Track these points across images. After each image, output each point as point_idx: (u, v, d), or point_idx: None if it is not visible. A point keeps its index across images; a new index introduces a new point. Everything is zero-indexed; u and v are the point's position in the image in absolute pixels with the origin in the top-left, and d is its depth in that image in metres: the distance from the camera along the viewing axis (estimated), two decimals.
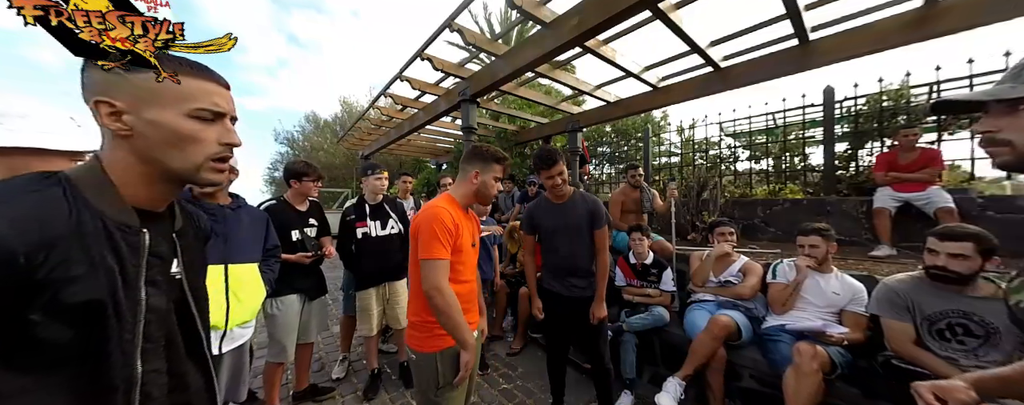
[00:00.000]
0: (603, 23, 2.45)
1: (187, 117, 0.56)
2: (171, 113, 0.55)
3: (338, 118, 19.75)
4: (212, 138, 0.59)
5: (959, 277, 1.50)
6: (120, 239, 0.53)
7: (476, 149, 1.42)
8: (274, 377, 2.14)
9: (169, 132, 0.55)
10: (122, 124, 0.53)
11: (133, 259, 0.54)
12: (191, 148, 0.57)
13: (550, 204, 2.02)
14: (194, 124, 0.57)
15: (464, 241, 1.34)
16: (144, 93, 0.53)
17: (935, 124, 3.67)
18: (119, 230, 0.53)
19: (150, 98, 0.54)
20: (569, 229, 1.96)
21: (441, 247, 1.22)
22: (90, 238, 0.49)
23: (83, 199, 0.51)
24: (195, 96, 0.56)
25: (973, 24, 2.30)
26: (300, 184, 2.24)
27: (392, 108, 6.28)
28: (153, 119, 0.54)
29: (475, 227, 1.49)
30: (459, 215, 1.35)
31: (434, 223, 1.23)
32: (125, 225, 0.54)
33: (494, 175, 1.39)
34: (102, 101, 0.52)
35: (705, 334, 2.06)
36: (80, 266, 0.47)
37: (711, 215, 3.86)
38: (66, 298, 0.46)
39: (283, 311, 2.09)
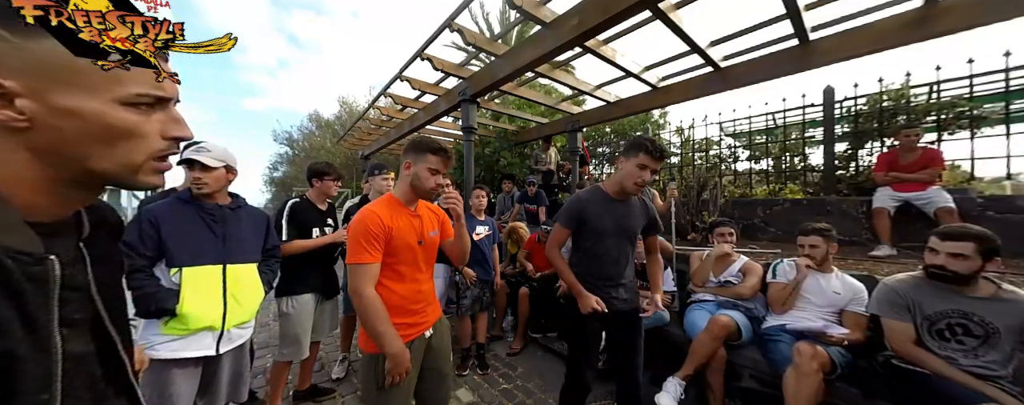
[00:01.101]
0: (603, 23, 2.45)
1: (121, 105, 0.42)
2: (97, 100, 0.40)
3: (339, 118, 19.77)
4: (154, 131, 0.45)
5: (958, 277, 1.50)
6: (18, 274, 0.37)
7: (411, 140, 1.37)
8: (280, 376, 2.15)
9: (95, 126, 0.40)
10: (14, 112, 0.37)
11: (39, 298, 0.39)
12: (126, 145, 0.43)
13: (607, 198, 1.73)
14: (130, 114, 0.42)
15: (402, 240, 1.28)
16: (54, 70, 0.38)
17: (935, 124, 3.67)
18: (12, 260, 0.37)
19: (64, 78, 0.39)
20: (624, 232, 1.73)
21: (363, 251, 1.21)
22: None
23: None
24: (131, 76, 0.42)
25: (973, 24, 2.30)
26: (321, 183, 2.29)
27: (392, 108, 6.28)
28: (69, 107, 0.39)
29: (428, 222, 1.42)
30: (399, 214, 1.31)
31: (357, 227, 1.23)
32: (23, 252, 0.38)
33: (428, 166, 1.30)
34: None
35: (705, 334, 2.06)
36: None
37: (711, 215, 3.86)
38: None
39: (297, 310, 2.11)
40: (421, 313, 1.38)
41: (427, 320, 1.41)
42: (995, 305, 1.48)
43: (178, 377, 1.35)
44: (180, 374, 1.36)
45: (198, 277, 1.39)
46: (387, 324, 1.21)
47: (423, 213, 1.43)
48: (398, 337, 1.22)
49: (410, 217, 1.35)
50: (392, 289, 1.30)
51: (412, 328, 1.34)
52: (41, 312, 0.39)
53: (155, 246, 1.36)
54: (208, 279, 1.42)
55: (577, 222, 1.73)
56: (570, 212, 1.75)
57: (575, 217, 1.73)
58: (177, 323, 1.33)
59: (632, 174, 1.61)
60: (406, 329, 1.31)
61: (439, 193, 1.39)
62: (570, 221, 1.74)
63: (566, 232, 1.77)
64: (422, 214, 1.42)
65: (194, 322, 1.35)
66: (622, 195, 1.72)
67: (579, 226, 1.73)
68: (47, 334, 0.40)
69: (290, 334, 2.10)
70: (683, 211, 3.99)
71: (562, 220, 1.77)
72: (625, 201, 1.75)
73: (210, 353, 1.41)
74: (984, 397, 1.37)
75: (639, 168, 1.59)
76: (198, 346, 1.38)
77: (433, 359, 1.43)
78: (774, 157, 5.29)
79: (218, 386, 1.49)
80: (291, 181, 19.40)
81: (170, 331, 1.33)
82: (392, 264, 1.29)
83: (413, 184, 1.34)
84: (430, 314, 1.43)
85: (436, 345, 1.44)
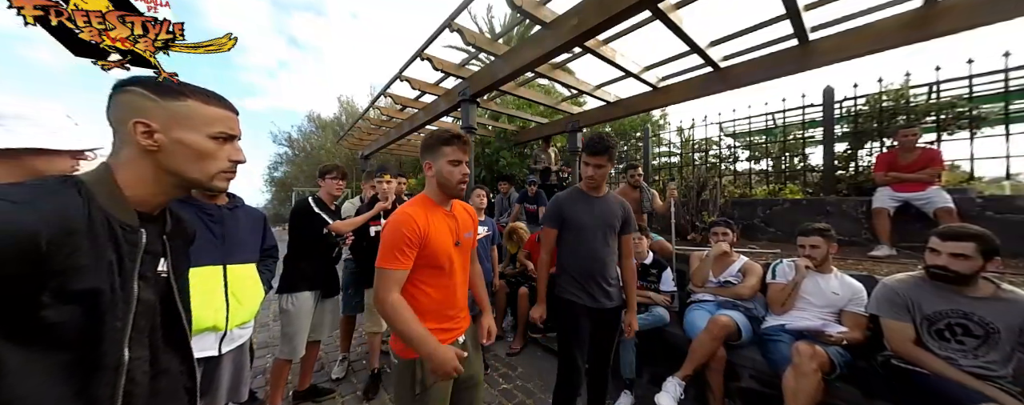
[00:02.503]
0: (603, 23, 2.45)
1: (208, 138, 0.67)
2: (197, 135, 0.66)
3: (338, 118, 19.75)
4: (224, 155, 0.70)
5: (959, 277, 1.50)
6: (122, 236, 0.59)
7: (423, 140, 1.30)
8: (281, 375, 2.15)
9: (194, 150, 0.66)
10: (152, 142, 0.63)
11: (130, 254, 0.60)
12: (207, 163, 0.68)
13: (584, 196, 1.85)
14: (212, 144, 0.68)
15: (438, 243, 1.22)
16: (176, 117, 0.64)
17: (934, 124, 3.67)
18: (121, 228, 0.60)
19: (180, 121, 0.65)
20: (602, 226, 1.81)
21: (393, 256, 1.15)
22: (98, 233, 0.56)
23: (94, 200, 0.58)
24: (217, 121, 0.68)
25: (973, 24, 2.30)
26: (324, 182, 2.38)
27: (392, 108, 6.27)
28: (181, 139, 0.65)
29: (462, 223, 1.36)
30: (434, 215, 1.25)
31: (392, 230, 1.17)
32: (127, 224, 0.61)
33: (448, 159, 1.23)
34: (140, 121, 0.62)
35: (705, 334, 2.06)
36: (87, 257, 0.53)
37: (711, 215, 3.86)
38: (72, 284, 0.51)
39: (297, 307, 2.12)
40: (456, 318, 1.32)
41: (461, 326, 1.35)
42: (995, 305, 1.48)
43: None
44: None
45: (199, 278, 1.38)
46: (418, 325, 1.14)
47: (458, 213, 1.36)
48: (432, 336, 1.14)
49: (445, 217, 1.29)
50: (428, 293, 1.24)
51: (448, 334, 1.28)
52: (129, 263, 0.60)
53: None
54: (209, 280, 1.41)
55: (559, 220, 1.85)
56: (551, 212, 1.89)
57: (556, 215, 1.85)
58: None
59: (585, 170, 1.81)
60: (442, 334, 1.24)
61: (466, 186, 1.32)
62: (553, 220, 1.86)
63: (553, 232, 1.87)
64: (458, 214, 1.36)
65: (197, 323, 1.34)
66: (596, 191, 1.86)
67: (561, 223, 1.84)
68: (130, 279, 0.60)
69: (287, 331, 2.11)
70: (683, 211, 3.99)
71: (546, 222, 1.91)
72: (602, 197, 1.86)
73: (212, 354, 1.40)
74: (984, 397, 1.37)
75: (584, 165, 1.80)
76: (201, 347, 1.37)
77: (466, 365, 1.32)
78: (774, 157, 5.29)
79: (218, 386, 1.49)
80: (291, 181, 19.38)
81: None
82: (428, 267, 1.22)
83: (440, 183, 1.26)
84: (464, 319, 1.37)
85: (469, 351, 1.37)
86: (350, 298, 2.89)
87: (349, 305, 2.90)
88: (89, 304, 0.53)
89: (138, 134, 0.62)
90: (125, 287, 0.59)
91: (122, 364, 0.58)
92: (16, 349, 0.49)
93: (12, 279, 0.48)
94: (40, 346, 0.50)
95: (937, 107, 3.67)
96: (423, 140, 1.30)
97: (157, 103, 0.62)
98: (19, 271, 0.48)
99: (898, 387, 1.61)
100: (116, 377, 0.57)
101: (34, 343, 0.50)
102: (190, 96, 0.65)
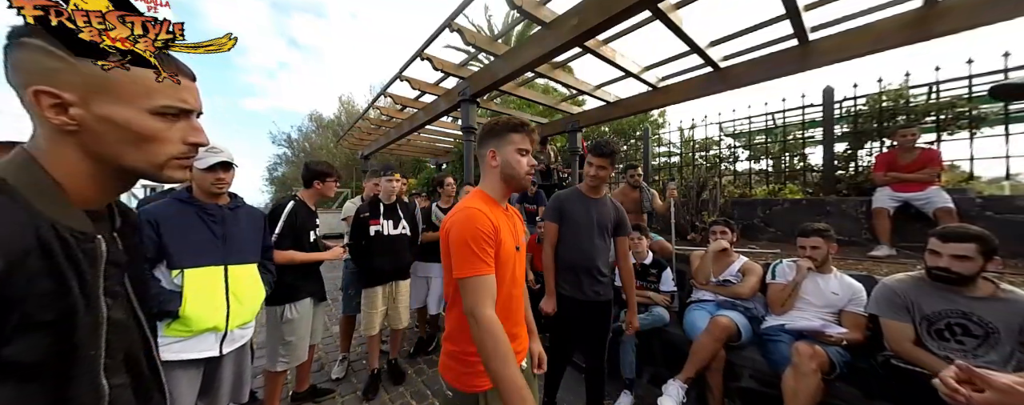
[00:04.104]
0: (603, 23, 2.45)
1: (150, 114, 0.51)
2: (130, 110, 0.49)
3: (338, 118, 19.76)
4: (176, 137, 0.54)
5: (961, 278, 1.50)
6: (76, 248, 0.47)
7: (485, 126, 1.14)
8: (276, 384, 2.13)
9: (128, 130, 0.50)
10: (67, 118, 0.47)
11: (91, 270, 0.49)
12: (152, 148, 0.52)
13: (583, 196, 2.00)
14: (157, 122, 0.51)
15: (506, 245, 1.05)
16: (97, 84, 0.47)
17: (934, 124, 3.67)
18: (73, 238, 0.48)
19: (104, 90, 0.48)
20: (597, 226, 1.94)
21: (477, 259, 0.96)
22: (50, 249, 0.45)
23: (32, 206, 0.45)
24: (159, 90, 0.50)
25: (973, 24, 2.30)
26: (323, 185, 2.23)
27: (392, 108, 6.27)
28: (107, 115, 0.48)
29: (516, 225, 1.20)
30: (496, 213, 1.07)
31: (465, 230, 0.98)
32: (79, 232, 0.49)
33: (516, 148, 1.08)
34: (43, 91, 0.45)
35: (705, 335, 2.06)
36: (45, 281, 0.44)
37: (711, 215, 3.86)
38: (34, 315, 0.43)
39: (301, 315, 2.10)
40: (519, 337, 1.15)
41: (523, 347, 1.18)
42: (994, 305, 1.48)
43: (180, 379, 1.34)
44: (182, 376, 1.35)
45: (200, 278, 1.38)
46: (513, 366, 0.90)
47: (514, 214, 1.22)
48: (522, 385, 0.88)
49: (506, 216, 1.13)
50: (497, 310, 1.04)
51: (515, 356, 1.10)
52: (92, 281, 0.49)
53: (154, 247, 1.34)
54: (210, 280, 1.41)
55: (559, 215, 2.00)
56: (552, 207, 2.04)
57: (557, 211, 2.01)
58: (180, 325, 1.32)
59: (588, 170, 1.98)
60: None
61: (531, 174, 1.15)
62: (554, 215, 2.01)
63: (554, 226, 2.01)
64: (513, 215, 1.22)
65: (198, 323, 1.34)
66: (594, 193, 2.00)
67: (561, 219, 1.99)
68: (96, 299, 0.49)
69: (291, 340, 2.08)
70: (683, 211, 3.99)
71: (548, 217, 2.05)
72: (599, 199, 2.00)
73: (213, 354, 1.40)
74: None
75: (588, 165, 1.97)
76: (202, 347, 1.37)
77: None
78: (774, 157, 5.28)
79: (220, 387, 1.49)
80: (291, 181, 19.40)
81: (173, 333, 1.31)
82: (498, 276, 1.02)
83: (505, 174, 1.10)
84: (524, 339, 1.19)
85: (531, 376, 1.23)
86: (350, 298, 2.89)
87: (349, 305, 2.90)
88: (57, 334, 0.45)
89: (44, 108, 0.46)
90: (92, 309, 0.49)
91: (102, 396, 0.50)
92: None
93: None
94: (10, 383, 0.43)
95: (937, 107, 3.67)
96: (485, 126, 1.14)
97: (69, 64, 0.45)
98: None
99: (898, 387, 1.61)
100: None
101: (2, 383, 0.42)
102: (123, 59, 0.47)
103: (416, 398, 2.46)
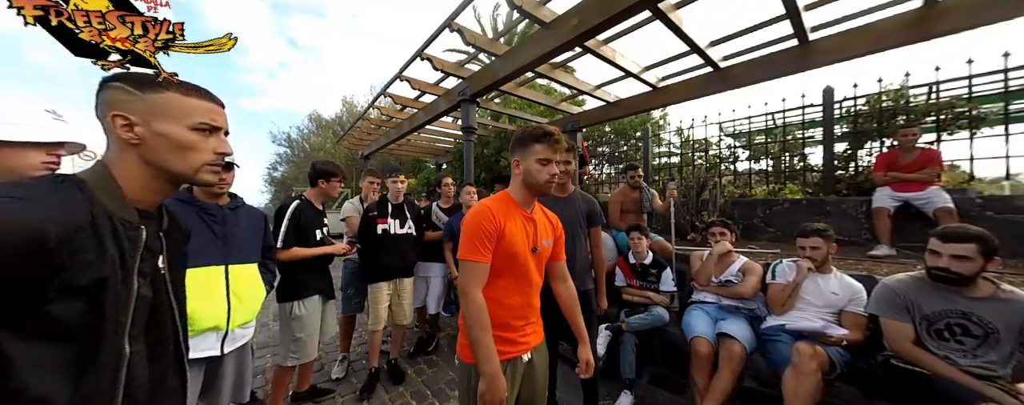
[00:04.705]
0: (603, 23, 2.45)
1: (189, 129, 0.67)
2: (177, 126, 0.66)
3: (339, 118, 19.77)
4: (209, 148, 0.70)
5: (961, 278, 1.50)
6: (123, 233, 0.61)
7: (514, 136, 1.25)
8: (284, 380, 2.14)
9: (174, 142, 0.66)
10: (133, 135, 0.64)
11: (131, 251, 0.62)
12: (191, 155, 0.68)
13: (552, 197, 2.03)
14: (194, 136, 0.68)
15: (514, 246, 1.17)
16: (155, 109, 0.64)
17: (934, 124, 3.67)
18: (122, 225, 0.61)
19: (160, 113, 0.65)
20: (571, 224, 1.96)
21: (474, 249, 1.12)
22: (101, 231, 0.57)
23: (95, 198, 0.59)
24: (197, 112, 0.68)
25: (973, 24, 2.30)
26: (327, 184, 2.29)
27: (392, 108, 6.27)
28: (161, 131, 0.65)
29: (542, 229, 1.30)
30: (513, 214, 1.20)
31: (471, 223, 1.15)
32: (127, 221, 0.62)
33: (537, 158, 1.18)
34: (118, 115, 0.62)
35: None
36: (91, 253, 0.55)
37: (711, 215, 3.86)
38: (78, 280, 0.53)
39: (309, 312, 2.11)
40: (522, 331, 1.24)
41: (528, 341, 1.26)
42: (994, 305, 1.48)
43: None
44: None
45: (201, 278, 1.38)
46: (488, 335, 1.10)
47: (539, 218, 1.31)
48: (496, 357, 1.10)
49: (524, 220, 1.24)
50: (494, 298, 1.17)
51: (510, 346, 1.21)
52: (130, 260, 0.61)
53: None
54: (211, 280, 1.41)
55: None
56: None
57: None
58: None
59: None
60: (503, 345, 1.17)
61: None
62: None
63: None
64: (537, 219, 1.30)
65: (199, 323, 1.35)
66: (562, 191, 2.06)
67: None
68: (130, 274, 0.61)
69: (300, 336, 2.09)
70: (683, 211, 3.99)
71: None
72: (567, 197, 2.05)
73: (215, 353, 1.40)
74: (983, 397, 1.37)
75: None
76: (203, 347, 1.38)
77: (529, 387, 1.27)
78: (774, 157, 5.28)
79: (221, 386, 1.49)
80: (291, 181, 19.40)
81: None
82: (500, 268, 1.18)
83: (526, 181, 1.22)
84: (532, 335, 1.28)
85: (537, 373, 1.29)
86: (350, 298, 2.89)
87: (349, 305, 2.90)
88: (93, 299, 0.55)
89: (118, 128, 0.63)
90: (126, 282, 0.60)
91: (123, 357, 0.60)
92: (23, 343, 0.50)
93: (20, 275, 0.49)
94: (46, 340, 0.52)
95: (937, 107, 3.67)
96: (515, 136, 1.25)
97: (136, 96, 0.63)
98: (27, 266, 0.49)
99: (898, 387, 1.61)
100: (118, 370, 0.59)
101: (40, 337, 0.51)
102: (169, 88, 0.66)
103: (416, 398, 2.46)
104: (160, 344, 0.71)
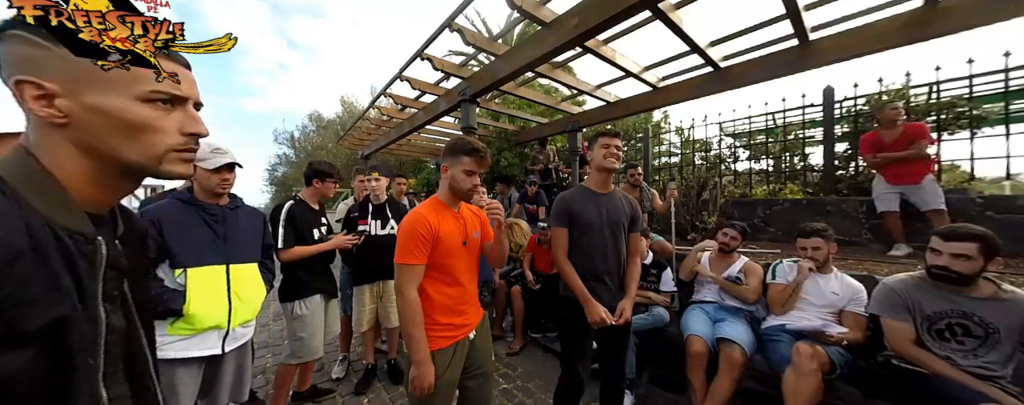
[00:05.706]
0: (603, 23, 2.45)
1: (139, 102, 0.48)
2: (119, 97, 0.46)
3: (339, 118, 19.79)
4: (173, 127, 0.50)
5: (961, 278, 1.50)
6: (74, 250, 0.44)
7: (447, 144, 1.41)
8: (287, 379, 2.14)
9: (117, 120, 0.46)
10: (54, 110, 0.44)
11: (89, 273, 0.46)
12: (146, 138, 0.49)
13: (590, 193, 1.78)
14: (148, 110, 0.48)
15: (449, 242, 1.33)
16: (81, 72, 0.44)
17: (935, 124, 3.67)
18: (71, 239, 0.44)
19: (89, 78, 0.45)
20: (610, 225, 1.73)
21: (410, 253, 1.26)
22: (45, 251, 0.41)
23: (27, 204, 0.42)
24: (147, 75, 0.47)
25: (973, 24, 2.30)
26: (322, 184, 2.27)
27: (392, 108, 6.27)
28: (95, 104, 0.45)
29: (471, 223, 1.46)
30: (444, 215, 1.35)
31: (406, 229, 1.28)
32: (78, 233, 0.45)
33: (463, 168, 1.33)
34: (25, 81, 0.43)
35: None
36: (37, 285, 0.40)
37: (711, 215, 3.86)
38: (25, 324, 0.38)
39: (311, 311, 2.12)
40: (466, 314, 1.41)
41: (471, 321, 1.44)
42: (995, 305, 1.48)
43: (182, 377, 1.35)
44: (184, 373, 1.36)
45: (203, 277, 1.39)
46: (421, 329, 1.24)
47: (466, 214, 1.46)
48: (427, 346, 1.25)
49: (454, 218, 1.39)
50: (441, 290, 1.34)
51: (459, 330, 1.37)
52: (90, 284, 0.45)
53: (157, 247, 1.35)
54: (212, 279, 1.42)
55: (567, 218, 1.76)
56: (558, 211, 1.79)
57: (565, 213, 1.76)
58: (183, 323, 1.33)
59: (597, 160, 1.77)
60: (454, 330, 1.35)
61: (477, 197, 1.47)
62: (561, 219, 1.77)
63: (563, 230, 1.76)
64: (465, 215, 1.45)
65: (201, 322, 1.35)
66: (603, 187, 1.80)
67: (570, 222, 1.75)
68: (94, 304, 0.46)
69: (303, 335, 2.09)
70: (683, 211, 3.99)
71: (554, 222, 1.80)
72: (608, 194, 1.80)
73: (215, 352, 1.41)
74: (984, 397, 1.37)
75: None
76: (204, 346, 1.39)
77: (476, 359, 1.45)
78: (774, 157, 5.29)
79: (221, 385, 1.50)
80: (291, 182, 19.41)
81: (176, 331, 1.33)
82: (441, 265, 1.32)
83: (451, 186, 1.38)
84: (473, 315, 1.45)
85: (480, 345, 1.47)
86: (349, 298, 2.89)
87: (348, 305, 2.90)
88: (50, 343, 0.41)
89: (30, 100, 0.43)
90: (90, 315, 0.45)
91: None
92: None
93: None
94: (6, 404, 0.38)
95: (937, 107, 3.67)
96: (448, 144, 1.39)
97: (50, 51, 0.43)
98: None
99: (898, 387, 1.61)
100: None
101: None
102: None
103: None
104: (140, 380, 0.55)
